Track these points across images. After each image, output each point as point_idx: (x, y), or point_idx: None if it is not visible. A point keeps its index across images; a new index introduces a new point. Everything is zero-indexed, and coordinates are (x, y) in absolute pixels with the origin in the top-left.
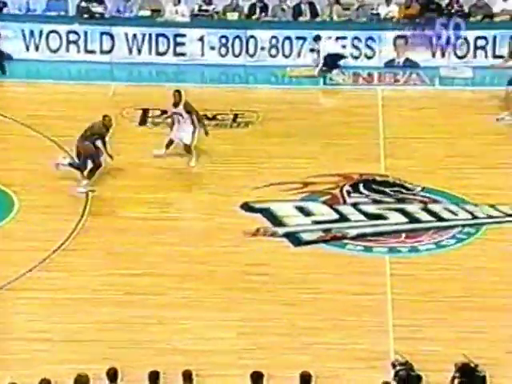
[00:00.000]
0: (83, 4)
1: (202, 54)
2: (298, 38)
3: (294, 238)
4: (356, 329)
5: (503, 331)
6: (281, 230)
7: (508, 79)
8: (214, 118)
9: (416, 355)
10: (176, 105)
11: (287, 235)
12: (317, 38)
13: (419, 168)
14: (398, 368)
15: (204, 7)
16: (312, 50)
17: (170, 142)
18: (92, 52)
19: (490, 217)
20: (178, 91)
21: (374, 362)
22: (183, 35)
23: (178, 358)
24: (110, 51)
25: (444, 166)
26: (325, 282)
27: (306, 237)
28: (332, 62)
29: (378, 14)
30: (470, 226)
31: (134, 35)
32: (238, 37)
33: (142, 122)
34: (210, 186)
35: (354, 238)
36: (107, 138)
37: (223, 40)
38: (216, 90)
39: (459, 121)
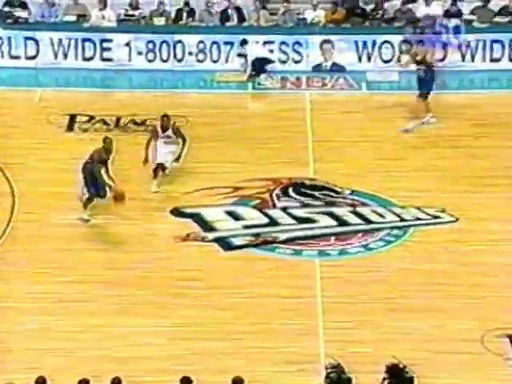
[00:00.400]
0: (6, 9)
1: (130, 60)
2: (226, 42)
3: (225, 243)
4: (287, 332)
5: (430, 332)
6: (211, 235)
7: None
8: (142, 123)
9: (346, 357)
10: (165, 129)
11: (217, 240)
12: (243, 43)
13: (347, 171)
14: (328, 370)
15: (130, 12)
16: (240, 55)
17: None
18: (16, 57)
19: (417, 219)
20: (167, 116)
21: (305, 364)
22: (110, 40)
23: (109, 365)
24: (34, 56)
25: (372, 169)
26: (256, 286)
27: (236, 241)
28: (260, 66)
29: (304, 19)
30: (398, 228)
31: (60, 40)
32: (165, 42)
33: (70, 127)
34: (140, 191)
35: (283, 242)
36: (109, 162)
37: (150, 45)
38: (144, 95)
39: (386, 124)
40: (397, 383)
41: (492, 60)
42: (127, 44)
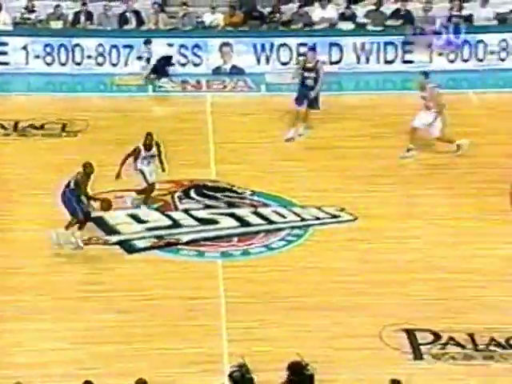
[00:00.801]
0: None
1: (27, 63)
2: (125, 46)
3: (128, 246)
4: (191, 333)
5: (333, 329)
6: (114, 238)
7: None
8: (41, 127)
9: (250, 356)
10: (149, 148)
11: (120, 243)
12: (147, 42)
13: (249, 172)
14: (232, 369)
15: (26, 15)
16: (140, 58)
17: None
18: None
19: (317, 218)
20: (150, 134)
21: (209, 365)
22: (5, 44)
23: (10, 371)
24: None
25: (272, 170)
26: (159, 288)
27: (139, 244)
28: (161, 68)
29: (203, 22)
30: (298, 227)
31: None
32: (62, 45)
33: None
34: (42, 196)
35: (186, 244)
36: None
37: (48, 49)
38: (43, 99)
39: (286, 125)
40: (298, 381)
41: (386, 62)
42: (24, 47)
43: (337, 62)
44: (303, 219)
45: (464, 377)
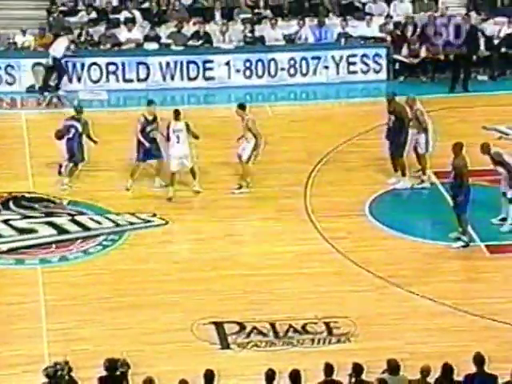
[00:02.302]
0: None
1: None
2: None
3: None
4: (11, 337)
5: (147, 325)
6: None
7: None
8: None
9: (70, 355)
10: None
11: None
12: None
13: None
14: (47, 365)
15: None
16: None
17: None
18: None
19: (131, 223)
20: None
21: (30, 365)
22: None
23: None
24: None
25: (87, 180)
26: None
27: None
28: None
29: (15, 43)
30: (114, 233)
31: None
32: None
33: None
34: None
35: (5, 252)
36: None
37: None
38: None
39: (97, 138)
40: (109, 376)
41: (189, 79)
42: None
43: (144, 80)
44: (118, 225)
45: (266, 362)
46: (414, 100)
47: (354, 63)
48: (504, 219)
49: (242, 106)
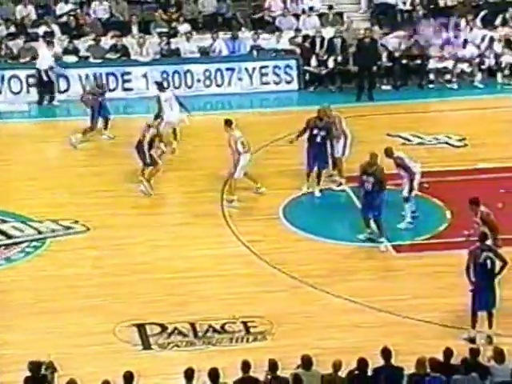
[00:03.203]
0: None
1: None
2: None
3: None
4: None
5: (71, 329)
6: None
7: None
8: None
9: None
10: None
11: None
12: None
13: None
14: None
15: None
16: None
17: None
18: None
19: (53, 231)
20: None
21: None
22: None
23: None
24: None
25: (8, 189)
26: None
27: None
28: None
29: None
30: (36, 240)
31: None
32: None
33: None
34: None
35: None
36: None
37: None
38: None
39: (19, 148)
40: (32, 377)
41: (110, 90)
42: None
43: (65, 91)
44: (40, 232)
45: (186, 361)
46: (329, 109)
47: (266, 74)
48: (413, 212)
49: (227, 122)
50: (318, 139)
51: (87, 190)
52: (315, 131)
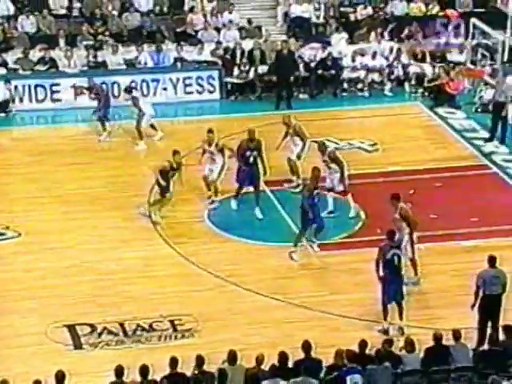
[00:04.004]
0: None
1: None
2: None
3: None
4: None
5: (3, 331)
6: None
7: None
8: None
9: None
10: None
11: None
12: None
13: None
14: None
15: None
16: None
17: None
18: None
19: None
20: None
21: None
22: None
23: None
24: None
25: None
26: None
27: None
28: None
29: None
30: None
31: None
32: None
33: None
34: None
35: None
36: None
37: None
38: None
39: None
40: None
41: (37, 101)
42: None
43: None
44: None
45: (117, 359)
46: (289, 117)
47: (189, 85)
48: (331, 212)
49: (210, 131)
50: (251, 160)
51: (18, 197)
52: (248, 153)
